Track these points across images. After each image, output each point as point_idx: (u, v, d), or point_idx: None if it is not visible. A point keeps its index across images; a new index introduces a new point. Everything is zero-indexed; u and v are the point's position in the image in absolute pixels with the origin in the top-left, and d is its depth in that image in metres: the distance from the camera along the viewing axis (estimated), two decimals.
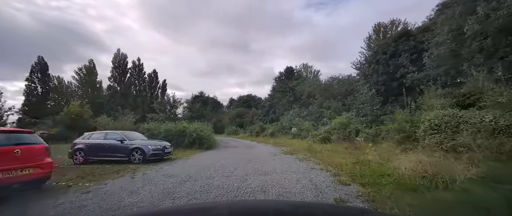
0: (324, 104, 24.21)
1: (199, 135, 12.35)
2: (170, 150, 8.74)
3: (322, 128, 14.08)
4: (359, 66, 28.79)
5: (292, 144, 13.94)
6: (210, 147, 13.23)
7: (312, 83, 29.92)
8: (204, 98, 58.74)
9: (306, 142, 13.67)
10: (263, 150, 11.62)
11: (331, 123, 13.68)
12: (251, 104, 49.54)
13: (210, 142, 13.10)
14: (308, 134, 16.16)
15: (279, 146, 13.43)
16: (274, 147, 13.32)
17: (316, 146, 10.54)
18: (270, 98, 35.01)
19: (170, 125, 12.76)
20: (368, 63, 23.56)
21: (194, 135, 12.12)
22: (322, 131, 13.61)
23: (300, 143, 13.64)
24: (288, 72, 37.77)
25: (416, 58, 18.18)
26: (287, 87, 32.14)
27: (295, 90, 30.58)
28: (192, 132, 12.22)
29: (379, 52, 21.31)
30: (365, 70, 24.03)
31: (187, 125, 12.78)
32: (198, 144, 12.22)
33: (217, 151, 12.11)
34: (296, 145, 13.10)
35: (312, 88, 28.53)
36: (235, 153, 10.62)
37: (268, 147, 13.35)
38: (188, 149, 12.01)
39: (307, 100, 28.24)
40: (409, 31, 21.96)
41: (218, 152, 11.60)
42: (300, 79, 34.71)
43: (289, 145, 13.60)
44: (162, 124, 13.07)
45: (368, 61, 23.60)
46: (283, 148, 12.36)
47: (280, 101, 30.58)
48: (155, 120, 15.46)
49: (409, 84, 16.98)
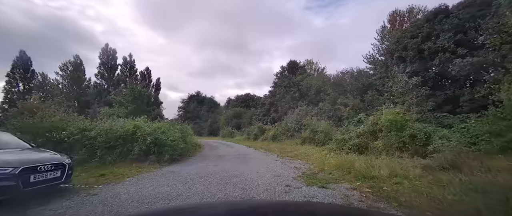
0: (338, 101, 19.53)
1: (159, 140, 7.58)
2: (58, 174, 3.98)
3: (354, 130, 9.32)
4: (371, 60, 24.89)
5: (306, 153, 9.18)
6: (179, 158, 8.46)
7: (321, 77, 25.27)
8: (200, 98, 54.87)
9: (328, 151, 8.91)
10: (265, 167, 6.80)
11: (368, 122, 8.95)
12: (250, 104, 45.18)
13: (178, 150, 8.34)
14: (326, 139, 11.41)
15: (289, 158, 8.65)
16: (284, 159, 8.52)
17: (358, 162, 5.76)
18: (270, 95, 30.23)
19: (117, 125, 7.99)
20: (389, 52, 19.13)
21: (149, 140, 7.35)
22: (353, 134, 8.85)
23: (319, 153, 8.89)
24: (291, 66, 33.11)
25: (461, 39, 13.72)
26: (291, 82, 27.46)
27: (301, 85, 25.92)
28: (146, 136, 7.45)
29: (406, 37, 16.87)
30: (386, 60, 19.59)
31: (141, 124, 8.01)
32: (156, 153, 7.46)
33: (184, 166, 7.35)
34: (314, 156, 8.35)
35: (321, 82, 23.91)
36: (211, 176, 5.82)
37: (273, 159, 8.56)
38: (136, 163, 7.25)
39: (316, 96, 23.62)
40: (447, 8, 17.17)
41: (183, 170, 6.81)
42: (305, 74, 30.12)
43: (304, 155, 8.83)
44: (107, 121, 8.31)
45: (390, 50, 19.15)
46: (298, 162, 7.58)
47: (283, 97, 25.86)
48: (112, 114, 10.66)
49: (457, 72, 12.41)
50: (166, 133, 8.00)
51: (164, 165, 7.34)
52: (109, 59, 48.63)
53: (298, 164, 7.00)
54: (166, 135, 7.90)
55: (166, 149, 7.55)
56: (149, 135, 7.53)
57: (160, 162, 7.44)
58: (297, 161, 7.65)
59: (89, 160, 7.70)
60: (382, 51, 23.90)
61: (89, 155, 7.76)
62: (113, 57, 49.48)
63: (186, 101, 55.70)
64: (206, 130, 43.88)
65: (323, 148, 10.09)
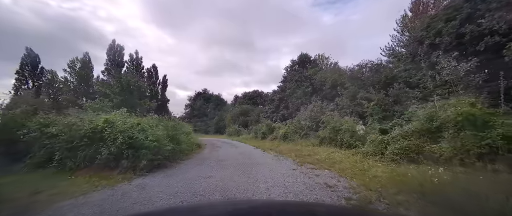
0: (358, 95, 16.99)
1: (134, 139, 5.57)
2: None
3: (396, 130, 6.96)
4: (390, 53, 22.39)
5: (332, 159, 6.88)
6: (166, 163, 6.44)
7: (337, 70, 22.71)
8: (207, 95, 53.65)
9: (362, 156, 6.61)
10: (281, 183, 4.49)
11: (419, 116, 6.55)
12: (258, 101, 43.11)
13: (164, 152, 6.30)
14: (353, 139, 9.07)
15: (311, 165, 6.34)
16: (304, 167, 6.25)
17: (423, 176, 3.45)
18: (280, 90, 27.86)
19: (86, 120, 6.07)
20: (417, 40, 16.40)
21: (121, 139, 5.36)
22: (397, 133, 6.51)
23: (350, 159, 6.59)
24: (302, 60, 30.56)
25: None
26: (303, 76, 25.02)
27: (314, 79, 23.44)
28: (117, 134, 5.48)
29: (440, 20, 14.21)
30: (413, 50, 16.88)
31: (114, 119, 6.04)
32: (131, 158, 5.47)
33: (165, 177, 5.28)
34: (345, 163, 6.05)
35: (337, 75, 21.38)
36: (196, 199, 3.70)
37: (288, 167, 6.33)
38: (105, 170, 5.30)
39: (332, 91, 21.13)
40: None
41: (160, 184, 4.76)
42: (317, 67, 27.57)
43: (329, 161, 6.52)
44: (78, 116, 6.43)
45: (417, 38, 16.41)
46: (326, 173, 5.28)
47: (294, 92, 23.46)
48: (98, 109, 8.84)
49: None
50: (146, 131, 5.98)
51: (140, 173, 5.34)
52: (116, 56, 48.04)
53: (328, 178, 4.76)
54: (145, 134, 5.89)
55: (144, 152, 5.53)
56: (121, 134, 5.55)
57: (135, 170, 5.44)
58: (324, 171, 5.40)
59: (46, 165, 5.86)
60: (403, 42, 21.64)
61: (47, 159, 5.92)
62: (120, 54, 48.78)
63: (193, 99, 54.66)
64: (213, 128, 42.28)
65: (352, 152, 7.76)
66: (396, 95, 15.11)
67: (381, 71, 18.29)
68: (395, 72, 17.39)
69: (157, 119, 7.82)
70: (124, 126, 5.84)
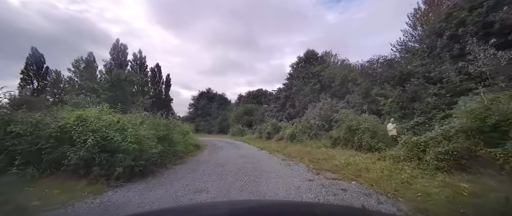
0: (372, 92, 15.64)
1: (109, 141, 4.44)
2: None
3: (436, 129, 5.61)
4: (402, 48, 21.03)
5: (356, 165, 5.57)
6: (154, 169, 5.31)
7: (347, 66, 21.30)
8: (210, 95, 52.91)
9: (393, 161, 5.31)
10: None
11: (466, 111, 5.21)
12: (262, 100, 41.91)
13: (152, 156, 5.16)
14: (375, 141, 7.74)
15: (332, 173, 5.00)
16: (321, 176, 4.95)
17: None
18: (286, 88, 26.52)
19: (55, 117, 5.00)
20: (435, 32, 14.97)
21: (91, 141, 4.24)
22: (436, 134, 5.18)
23: (377, 165, 5.30)
24: (309, 56, 29.14)
25: None
26: (310, 73, 23.65)
27: (322, 75, 22.07)
28: (88, 134, 4.36)
29: (462, 9, 12.86)
30: (431, 43, 15.43)
31: (89, 115, 4.92)
32: (104, 164, 4.33)
33: (145, 191, 4.11)
34: (373, 170, 4.76)
35: (347, 71, 19.99)
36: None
37: (303, 177, 5.01)
38: (73, 179, 4.19)
39: (341, 88, 19.76)
40: None
41: (132, 202, 3.57)
42: (324, 64, 26.15)
43: (353, 169, 5.21)
44: (45, 112, 5.37)
45: (435, 30, 14.98)
46: (357, 188, 3.98)
47: (301, 90, 22.12)
48: (78, 105, 7.79)
49: None
50: (125, 131, 4.84)
51: (114, 184, 4.20)
52: (120, 55, 47.71)
53: (360, 194, 3.47)
54: (124, 134, 4.75)
55: (120, 157, 4.40)
56: (93, 134, 4.44)
57: (110, 179, 4.31)
58: (351, 184, 4.11)
59: (6, 170, 4.79)
60: (416, 37, 20.32)
61: (8, 163, 4.86)
62: (124, 53, 48.46)
63: (197, 98, 54.02)
64: (216, 128, 41.31)
65: (376, 156, 6.43)
66: (414, 91, 13.69)
67: (395, 66, 16.85)
68: (411, 67, 15.95)
69: (145, 116, 6.67)
70: (98, 125, 4.71)
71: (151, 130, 5.91)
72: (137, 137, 4.84)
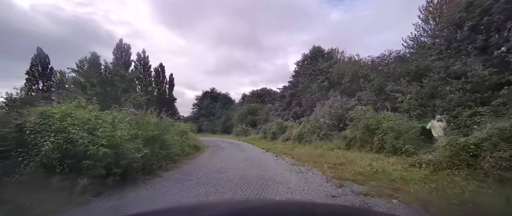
0: (387, 88, 14.40)
1: (74, 143, 3.46)
2: None
3: (488, 127, 4.41)
4: (414, 43, 19.88)
5: (385, 173, 4.42)
6: (137, 177, 4.32)
7: (357, 62, 20.01)
8: (214, 94, 52.31)
9: (433, 169, 4.17)
10: None
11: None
12: (266, 100, 40.86)
13: (134, 160, 4.16)
14: (401, 142, 6.56)
15: (366, 187, 3.91)
16: (348, 188, 3.88)
17: None
18: (292, 85, 25.34)
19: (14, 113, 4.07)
20: (454, 24, 13.67)
21: (48, 145, 3.26)
22: (488, 134, 3.99)
23: (417, 175, 4.16)
24: (315, 53, 27.85)
25: None
26: (317, 69, 22.43)
27: (330, 72, 20.83)
28: (50, 134, 3.39)
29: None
30: (449, 35, 14.15)
31: (57, 109, 3.97)
32: (67, 174, 3.35)
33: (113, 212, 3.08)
34: (414, 182, 3.63)
35: (358, 66, 18.70)
36: None
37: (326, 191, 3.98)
38: (32, 190, 3.21)
39: (352, 84, 18.50)
40: None
41: None
42: (332, 60, 24.88)
43: (387, 179, 4.08)
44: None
45: (454, 21, 13.65)
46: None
47: (308, 87, 20.94)
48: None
49: None
50: (96, 130, 3.87)
51: (78, 200, 3.24)
52: (123, 55, 47.46)
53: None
54: (96, 134, 3.77)
55: (87, 164, 3.42)
56: (55, 135, 3.49)
57: (73, 191, 3.35)
58: (397, 205, 3.01)
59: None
60: (429, 31, 19.10)
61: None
62: (127, 53, 48.19)
63: (200, 98, 53.51)
64: (220, 128, 40.52)
65: (409, 161, 5.27)
66: (433, 87, 12.42)
67: (410, 61, 15.57)
68: (427, 61, 14.65)
69: (131, 113, 5.69)
70: (65, 123, 3.75)
71: (135, 130, 4.92)
72: (112, 138, 3.85)
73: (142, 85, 46.32)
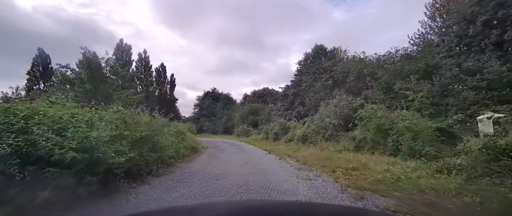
0: (395, 86, 13.73)
1: (37, 145, 2.83)
2: None
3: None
4: (418, 42, 19.23)
5: (409, 181, 3.75)
6: (119, 185, 3.67)
7: (362, 60, 19.30)
8: (215, 95, 51.89)
9: (463, 178, 3.47)
10: None
11: None
12: (268, 99, 40.23)
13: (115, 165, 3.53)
14: (419, 144, 5.85)
15: (409, 209, 3.26)
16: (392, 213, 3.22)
17: None
18: (294, 85, 24.65)
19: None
20: (465, 19, 12.95)
21: (5, 148, 2.64)
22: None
23: (442, 182, 3.48)
24: (318, 52, 27.15)
25: None
26: (321, 68, 21.75)
27: (334, 70, 20.15)
28: (9, 134, 2.76)
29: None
30: (460, 31, 13.41)
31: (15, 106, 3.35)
32: (28, 183, 2.71)
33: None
34: (453, 196, 2.97)
35: (364, 64, 18.01)
36: None
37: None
38: None
39: (357, 83, 17.79)
40: None
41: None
42: (335, 58, 24.20)
43: (411, 187, 3.40)
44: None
45: (465, 16, 12.95)
46: None
47: (312, 86, 20.24)
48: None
49: None
50: (65, 130, 3.23)
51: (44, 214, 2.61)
52: (124, 55, 47.18)
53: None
54: (65, 134, 3.14)
55: (52, 172, 2.78)
56: (15, 136, 2.87)
57: (34, 205, 2.73)
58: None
59: None
60: (436, 28, 18.44)
61: None
62: (128, 53, 47.89)
63: (202, 98, 53.11)
64: (221, 128, 39.93)
65: (434, 166, 4.57)
66: (444, 85, 11.72)
67: (418, 58, 14.91)
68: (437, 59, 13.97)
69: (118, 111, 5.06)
70: (32, 122, 3.13)
71: (120, 130, 4.29)
72: (85, 140, 3.22)
73: (143, 85, 45.93)
